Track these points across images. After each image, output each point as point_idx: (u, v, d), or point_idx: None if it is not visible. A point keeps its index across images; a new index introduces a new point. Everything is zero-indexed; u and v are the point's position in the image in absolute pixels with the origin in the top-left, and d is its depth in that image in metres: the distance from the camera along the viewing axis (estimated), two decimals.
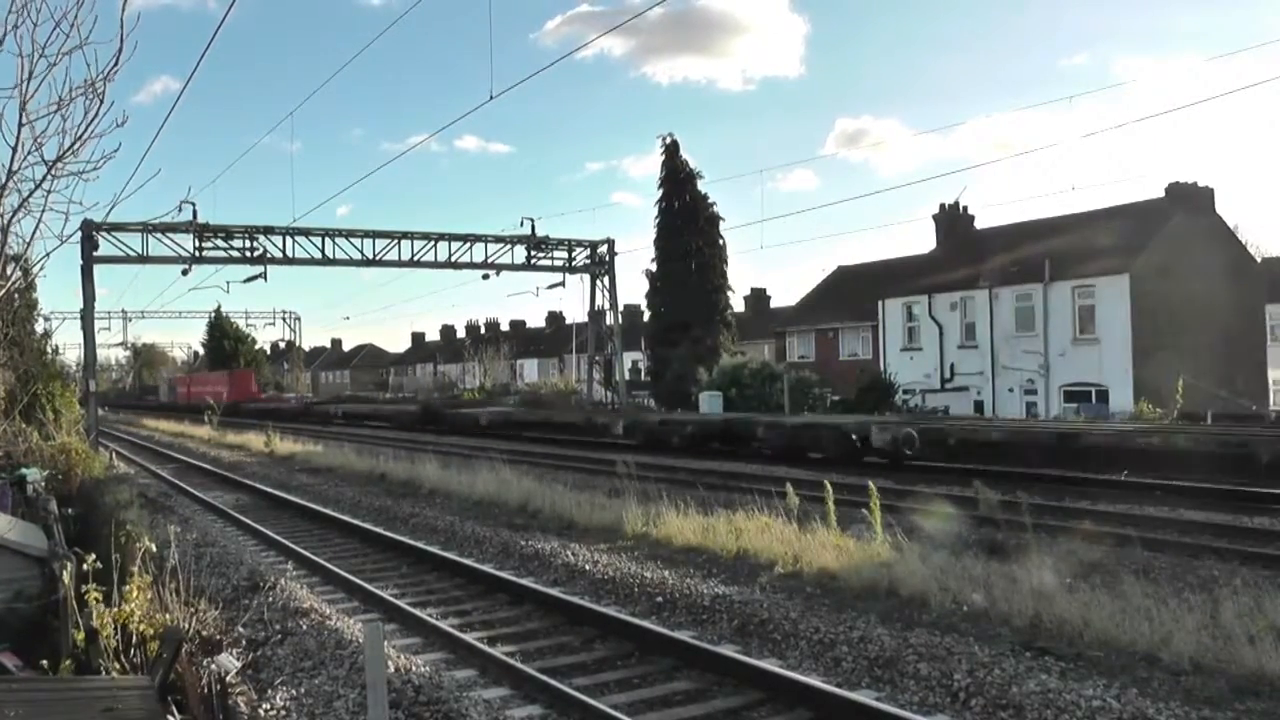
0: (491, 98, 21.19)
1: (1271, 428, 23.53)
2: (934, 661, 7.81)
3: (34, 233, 7.87)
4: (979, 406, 41.40)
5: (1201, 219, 41.41)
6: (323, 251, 39.41)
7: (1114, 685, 7.21)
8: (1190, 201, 41.43)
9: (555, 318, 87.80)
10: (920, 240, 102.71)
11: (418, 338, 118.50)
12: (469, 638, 9.08)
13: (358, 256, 40.06)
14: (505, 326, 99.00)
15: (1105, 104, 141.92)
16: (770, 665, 7.99)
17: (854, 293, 51.92)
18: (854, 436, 23.78)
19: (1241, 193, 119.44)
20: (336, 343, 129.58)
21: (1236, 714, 6.70)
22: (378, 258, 40.23)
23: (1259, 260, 48.12)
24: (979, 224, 50.15)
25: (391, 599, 10.83)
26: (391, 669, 7.54)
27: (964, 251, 46.04)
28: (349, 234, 40.03)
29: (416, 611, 10.16)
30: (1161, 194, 42.32)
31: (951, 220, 49.88)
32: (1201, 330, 38.24)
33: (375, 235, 40.13)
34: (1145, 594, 8.91)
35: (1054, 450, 21.51)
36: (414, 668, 8.01)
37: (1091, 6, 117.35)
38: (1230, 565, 10.83)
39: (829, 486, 13.14)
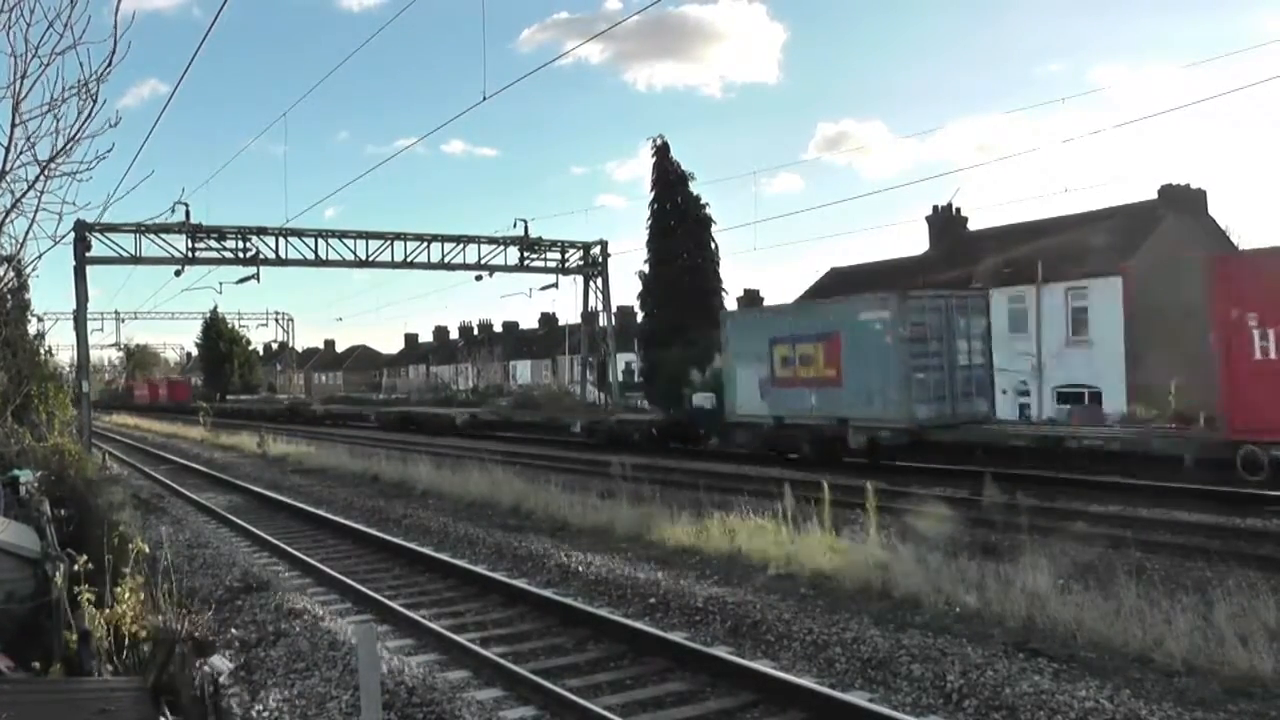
0: (485, 98, 21.23)
1: None
2: (927, 663, 7.83)
3: (27, 233, 7.83)
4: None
5: (1194, 221, 41.46)
6: (315, 252, 39.32)
7: (1107, 686, 7.23)
8: (1183, 203, 41.47)
9: (548, 319, 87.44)
10: (910, 242, 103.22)
11: (411, 339, 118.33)
12: (462, 639, 9.07)
13: (350, 257, 39.95)
14: (498, 328, 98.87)
15: (1085, 110, 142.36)
16: (763, 666, 7.99)
17: (846, 294, 51.81)
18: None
19: (1234, 195, 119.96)
20: (329, 343, 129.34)
21: (1229, 715, 6.73)
22: (371, 259, 40.13)
23: None
24: (972, 226, 50.17)
25: (385, 600, 10.81)
26: (385, 670, 7.53)
27: (957, 253, 46.04)
28: (342, 235, 39.93)
29: (410, 613, 10.15)
30: (1153, 196, 42.39)
31: (944, 222, 49.88)
32: (1194, 332, 38.30)
33: (368, 236, 40.04)
34: (1138, 595, 8.91)
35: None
36: (407, 669, 8.02)
37: (1067, 16, 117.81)
38: (1223, 567, 10.83)
39: (826, 487, 13.16)
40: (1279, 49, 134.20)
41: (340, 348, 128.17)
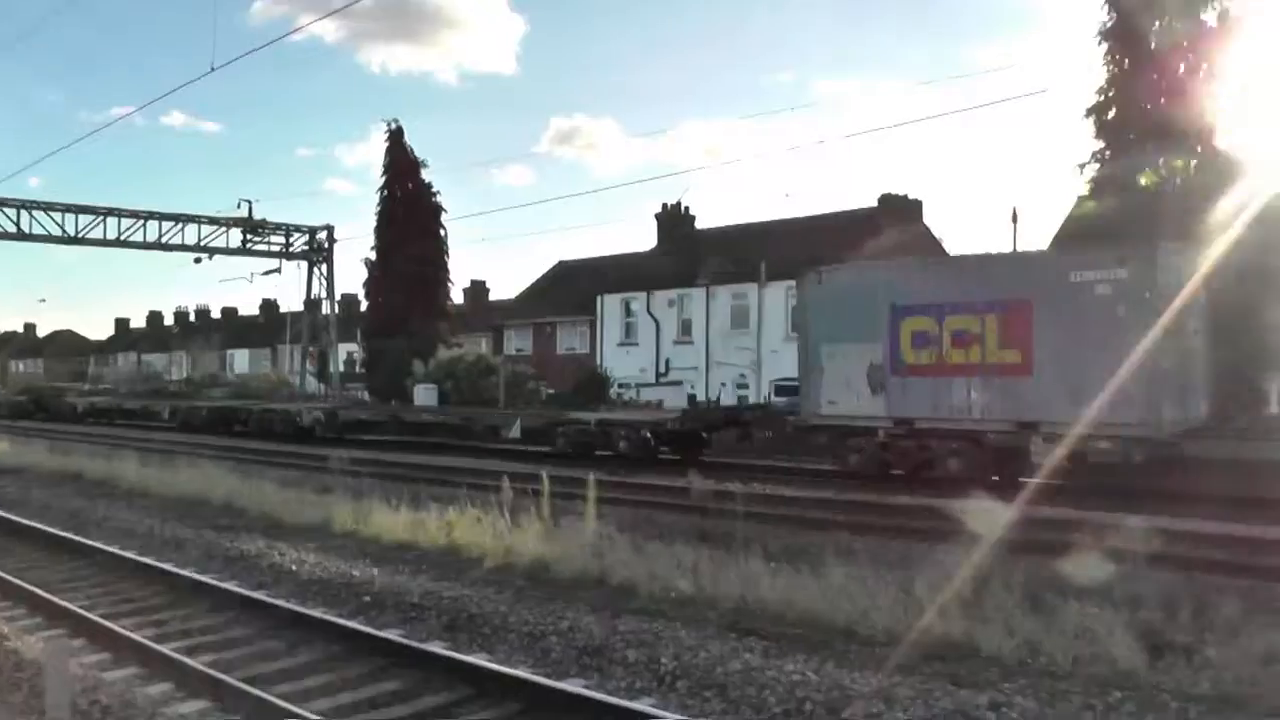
0: (212, 69, 20.33)
1: None
2: (642, 647, 8.02)
3: None
4: (692, 400, 42.85)
5: (911, 228, 44.46)
6: (17, 225, 36.56)
7: (814, 659, 7.64)
8: (901, 212, 44.45)
9: (270, 306, 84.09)
10: (640, 238, 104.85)
11: (122, 324, 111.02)
12: (166, 649, 8.53)
13: (57, 232, 37.31)
14: (216, 314, 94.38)
15: (811, 120, 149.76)
16: (479, 660, 7.94)
17: (574, 288, 52.51)
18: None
19: (947, 207, 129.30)
20: (30, 327, 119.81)
21: (924, 676, 7.23)
22: (80, 235, 37.63)
23: None
24: (700, 225, 51.86)
25: (81, 611, 10.04)
26: (77, 689, 7.02)
27: (684, 251, 47.54)
28: (48, 207, 37.30)
29: (109, 624, 9.47)
30: (874, 204, 45.08)
31: (673, 220, 51.39)
32: None
33: (78, 210, 37.55)
34: (847, 574, 9.45)
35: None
36: (103, 686, 7.49)
37: (798, 30, 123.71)
38: (925, 544, 11.63)
39: (545, 478, 13.27)
40: (992, 78, 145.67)
41: (41, 332, 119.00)
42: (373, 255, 46.85)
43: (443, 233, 46.92)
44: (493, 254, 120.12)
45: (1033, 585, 8.95)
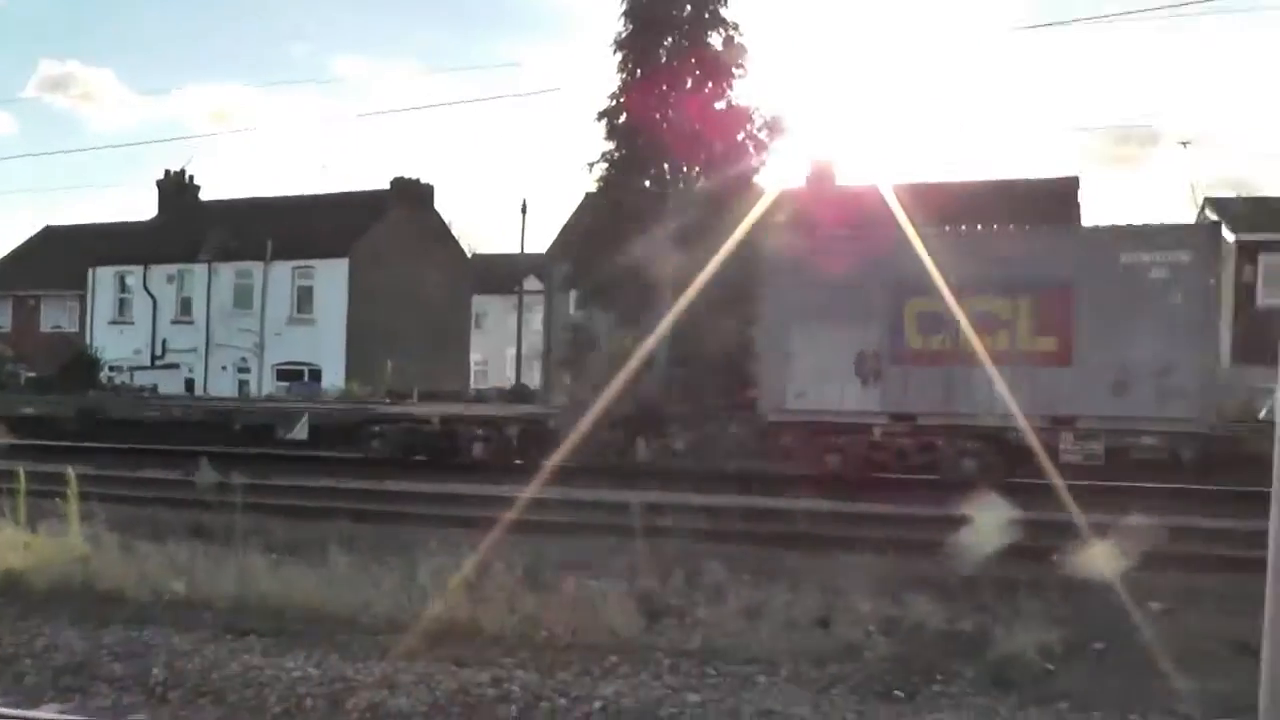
0: None
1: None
2: (130, 660, 7.48)
3: None
4: (190, 384, 40.91)
5: (421, 213, 44.95)
6: None
7: (315, 654, 7.47)
8: (411, 196, 44.76)
9: None
10: (139, 206, 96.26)
11: None
12: None
13: None
14: None
15: (325, 96, 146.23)
16: None
17: (62, 257, 47.95)
18: None
19: (458, 194, 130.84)
20: None
21: (428, 661, 7.26)
22: None
23: (470, 255, 53.05)
24: (205, 196, 49.24)
25: None
26: None
27: (187, 223, 44.96)
28: None
29: None
30: (386, 186, 45.02)
31: (176, 188, 48.39)
32: (414, 315, 41.36)
33: None
34: (350, 564, 9.40)
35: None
36: None
37: (315, 3, 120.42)
38: (428, 529, 11.77)
39: (21, 474, 12.01)
40: (503, 73, 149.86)
41: None
42: None
43: None
44: None
45: (535, 564, 9.33)
